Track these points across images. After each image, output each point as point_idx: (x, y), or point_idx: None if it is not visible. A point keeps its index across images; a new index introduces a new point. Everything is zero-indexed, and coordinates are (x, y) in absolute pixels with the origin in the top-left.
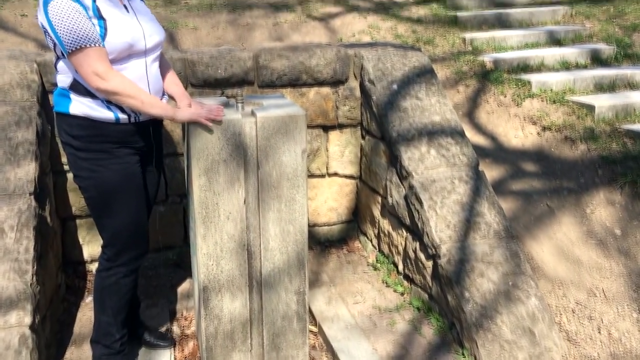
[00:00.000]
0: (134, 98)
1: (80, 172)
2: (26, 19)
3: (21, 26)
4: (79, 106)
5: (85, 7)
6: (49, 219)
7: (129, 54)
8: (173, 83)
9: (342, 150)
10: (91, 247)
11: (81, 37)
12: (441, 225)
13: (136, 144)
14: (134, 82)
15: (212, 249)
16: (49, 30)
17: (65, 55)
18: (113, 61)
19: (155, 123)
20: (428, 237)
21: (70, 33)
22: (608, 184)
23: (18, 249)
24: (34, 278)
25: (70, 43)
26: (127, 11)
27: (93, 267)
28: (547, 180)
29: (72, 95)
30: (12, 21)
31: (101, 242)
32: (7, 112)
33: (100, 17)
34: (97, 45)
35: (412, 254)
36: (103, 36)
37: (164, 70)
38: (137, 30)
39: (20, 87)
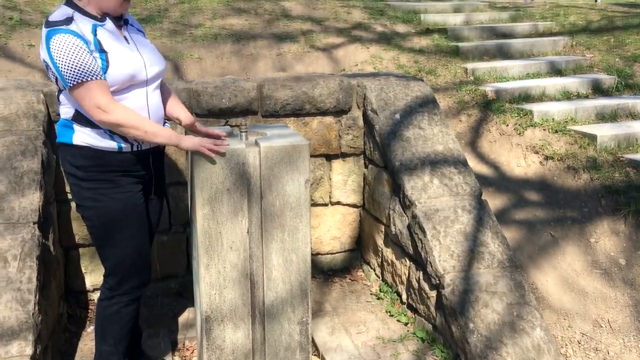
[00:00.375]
0: (137, 129)
1: (83, 202)
2: (33, 49)
3: (28, 57)
4: (82, 136)
5: (86, 42)
6: (52, 248)
7: (130, 85)
8: (177, 106)
9: (345, 179)
10: (93, 276)
11: (82, 72)
12: (445, 255)
13: (138, 172)
14: (136, 111)
15: (214, 278)
16: (51, 65)
17: (67, 90)
18: (115, 92)
19: (156, 151)
20: (431, 266)
21: (71, 68)
22: (612, 213)
23: (21, 278)
24: (36, 308)
25: (72, 78)
26: (128, 43)
27: (95, 296)
28: (550, 209)
29: (75, 126)
30: (20, 52)
31: (103, 271)
32: (13, 141)
33: (101, 51)
34: (98, 78)
35: (415, 284)
36: (105, 69)
37: (165, 97)
38: (138, 61)
39: (26, 117)
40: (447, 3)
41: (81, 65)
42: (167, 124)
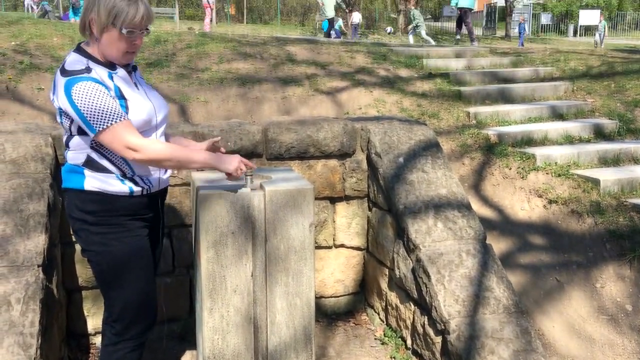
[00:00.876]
0: (170, 160)
1: (91, 246)
2: (42, 92)
3: (37, 100)
4: (93, 182)
5: (107, 88)
6: (55, 291)
7: (143, 130)
8: (183, 142)
9: (349, 222)
10: (96, 319)
11: (108, 116)
12: (450, 300)
13: (147, 216)
14: (164, 142)
15: (218, 322)
16: (72, 113)
17: (94, 136)
18: None
19: (163, 194)
20: (436, 311)
21: (97, 113)
22: (617, 258)
23: (23, 322)
24: (38, 352)
25: (99, 123)
26: (138, 89)
27: (97, 339)
28: (555, 253)
29: (86, 172)
30: (29, 95)
31: (106, 315)
32: (20, 184)
33: (122, 97)
34: (123, 119)
35: (420, 329)
36: (125, 114)
37: (167, 140)
38: (150, 107)
39: (34, 160)
40: (448, 48)
41: (107, 109)
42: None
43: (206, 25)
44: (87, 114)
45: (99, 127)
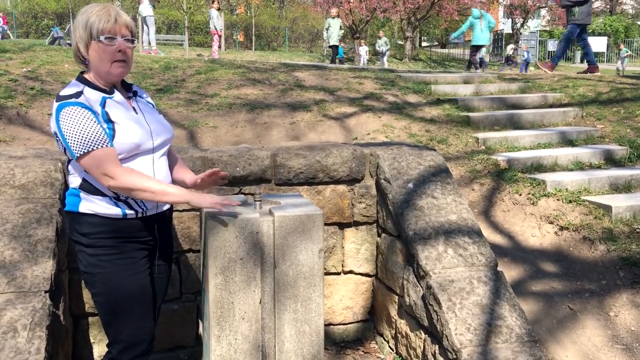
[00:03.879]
0: (144, 190)
1: (88, 269)
2: None
3: (47, 125)
4: (88, 204)
5: (94, 113)
6: (62, 318)
7: (136, 153)
8: (182, 170)
9: (357, 248)
10: (102, 346)
11: (88, 141)
12: (461, 328)
13: (143, 239)
14: (143, 173)
15: (225, 350)
16: (60, 137)
17: (75, 159)
18: (122, 160)
19: (162, 217)
20: (448, 340)
21: (78, 138)
22: (630, 286)
23: (29, 349)
24: None
25: (78, 148)
26: (136, 113)
27: None
28: (567, 281)
29: (82, 194)
30: (39, 120)
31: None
32: (29, 209)
33: (109, 121)
34: (104, 146)
35: (431, 358)
36: (111, 137)
37: (172, 164)
38: (145, 130)
39: (43, 185)
40: (456, 75)
41: (87, 134)
42: None
43: (214, 51)
44: (69, 138)
45: (79, 152)
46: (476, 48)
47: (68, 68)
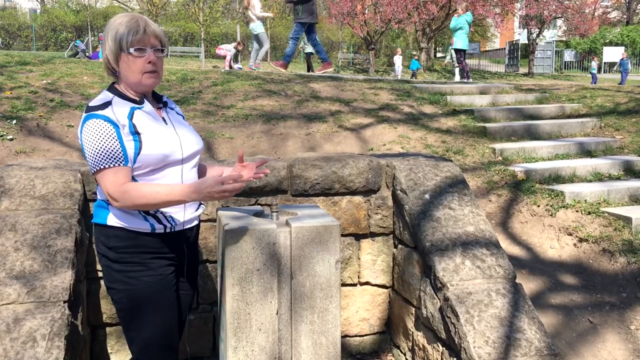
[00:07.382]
0: (148, 200)
1: (113, 284)
2: (72, 129)
3: (67, 137)
4: (116, 217)
5: (118, 127)
6: (80, 328)
7: (165, 164)
8: (215, 168)
9: (374, 259)
10: (119, 356)
11: (102, 158)
12: (480, 342)
13: (170, 255)
14: (142, 185)
15: None
16: (82, 148)
17: (92, 174)
18: (151, 171)
19: (190, 234)
20: (466, 353)
21: (94, 154)
22: None
23: (48, 359)
24: None
25: (93, 163)
26: (166, 123)
27: None
28: (587, 294)
29: (110, 207)
30: (59, 132)
31: (128, 352)
32: (49, 220)
33: (135, 133)
34: (116, 165)
35: None
36: (138, 149)
37: (201, 173)
38: (174, 141)
39: (63, 196)
40: (472, 85)
41: (104, 151)
42: (202, 206)
43: (226, 63)
44: (87, 151)
45: (94, 168)
46: (464, 52)
47: (87, 80)
